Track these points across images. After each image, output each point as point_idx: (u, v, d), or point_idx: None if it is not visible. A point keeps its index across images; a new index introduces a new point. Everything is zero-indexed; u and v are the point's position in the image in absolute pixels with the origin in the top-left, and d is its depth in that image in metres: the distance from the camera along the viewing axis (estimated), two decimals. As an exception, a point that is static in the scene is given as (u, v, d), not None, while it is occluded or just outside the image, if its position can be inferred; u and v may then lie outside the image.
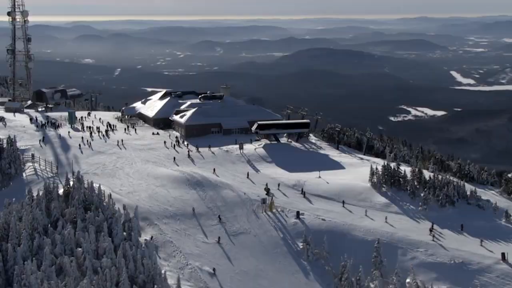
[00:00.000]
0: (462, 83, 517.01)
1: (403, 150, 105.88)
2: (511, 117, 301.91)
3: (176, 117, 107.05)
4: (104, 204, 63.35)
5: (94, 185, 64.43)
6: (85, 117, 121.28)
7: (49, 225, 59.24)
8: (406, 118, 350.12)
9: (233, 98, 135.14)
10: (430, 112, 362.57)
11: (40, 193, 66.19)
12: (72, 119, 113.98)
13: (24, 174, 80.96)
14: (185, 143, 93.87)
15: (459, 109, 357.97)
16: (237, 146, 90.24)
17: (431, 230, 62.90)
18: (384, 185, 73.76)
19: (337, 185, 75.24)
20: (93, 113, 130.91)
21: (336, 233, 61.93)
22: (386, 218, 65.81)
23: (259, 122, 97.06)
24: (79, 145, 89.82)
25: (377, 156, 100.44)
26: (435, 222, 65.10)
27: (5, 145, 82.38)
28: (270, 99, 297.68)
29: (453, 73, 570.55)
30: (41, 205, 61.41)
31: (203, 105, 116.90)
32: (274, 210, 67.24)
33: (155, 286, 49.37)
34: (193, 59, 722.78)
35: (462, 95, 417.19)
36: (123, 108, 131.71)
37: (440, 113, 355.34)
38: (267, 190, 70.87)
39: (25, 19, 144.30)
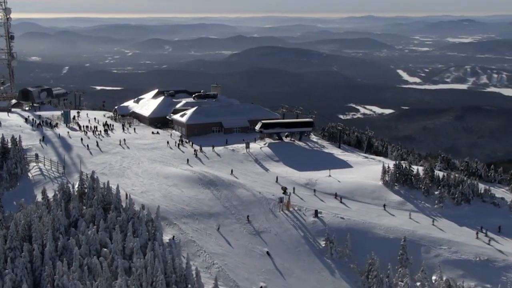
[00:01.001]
0: (409, 81, 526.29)
1: (401, 149, 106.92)
2: (456, 115, 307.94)
3: (176, 116, 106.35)
4: (123, 204, 62.92)
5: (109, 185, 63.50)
6: (77, 117, 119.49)
7: (69, 226, 58.51)
8: (355, 116, 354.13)
9: (226, 97, 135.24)
10: (378, 110, 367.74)
11: (54, 193, 65.27)
12: (67, 119, 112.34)
13: (29, 174, 79.56)
14: (190, 142, 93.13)
15: (406, 107, 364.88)
16: (242, 145, 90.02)
17: (479, 233, 63.13)
18: (396, 184, 74.34)
19: (349, 184, 75.59)
20: (83, 112, 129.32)
21: (356, 231, 62.13)
22: (410, 215, 66.61)
23: (263, 121, 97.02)
24: (87, 145, 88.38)
25: (376, 154, 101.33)
26: (452, 220, 65.97)
27: (9, 145, 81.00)
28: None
29: (400, 71, 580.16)
30: (60, 206, 60.51)
31: (203, 104, 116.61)
32: (291, 209, 67.28)
33: (189, 286, 49.03)
34: (141, 57, 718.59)
35: (409, 94, 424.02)
36: (116, 107, 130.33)
37: (388, 111, 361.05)
38: (284, 189, 70.84)
39: (8, 16, 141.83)
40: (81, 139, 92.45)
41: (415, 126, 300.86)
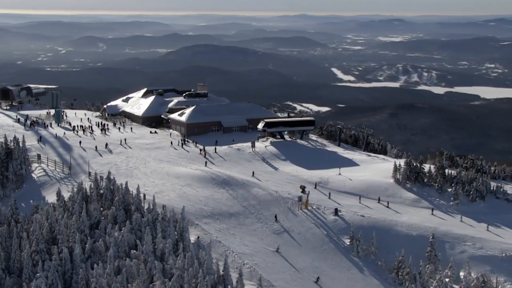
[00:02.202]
0: (343, 79, 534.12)
1: (397, 147, 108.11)
2: (391, 113, 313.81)
3: (174, 116, 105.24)
4: (146, 205, 61.95)
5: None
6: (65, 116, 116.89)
7: (90, 227, 57.30)
8: (292, 115, 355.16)
9: (215, 96, 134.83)
10: (315, 108, 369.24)
11: (70, 194, 63.89)
12: (59, 118, 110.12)
13: (33, 175, 77.67)
14: (194, 142, 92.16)
15: (342, 105, 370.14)
16: (247, 144, 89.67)
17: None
18: (407, 181, 75.05)
19: (361, 182, 75.98)
20: (70, 111, 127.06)
21: (379, 229, 62.36)
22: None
23: (265, 120, 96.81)
24: (96, 147, 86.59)
25: (374, 152, 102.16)
26: (468, 216, 67.00)
27: (11, 145, 78.84)
28: None
29: (334, 70, 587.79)
30: (81, 207, 59.18)
31: (195, 103, 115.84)
32: (309, 208, 67.26)
33: (229, 287, 48.50)
34: (75, 55, 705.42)
35: (344, 92, 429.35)
36: (105, 107, 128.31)
37: (324, 109, 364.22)
38: (303, 188, 70.73)
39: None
40: (80, 142, 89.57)
41: (351, 123, 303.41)
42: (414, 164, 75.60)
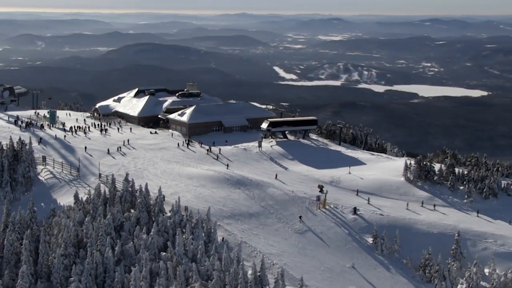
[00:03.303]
0: (286, 78, 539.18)
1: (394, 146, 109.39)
2: (334, 111, 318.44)
3: (174, 116, 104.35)
4: (166, 207, 61.42)
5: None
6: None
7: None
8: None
9: (208, 96, 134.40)
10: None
11: (88, 197, 62.97)
12: (53, 119, 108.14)
13: (40, 177, 76.24)
14: (200, 142, 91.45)
15: (286, 104, 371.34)
16: (253, 144, 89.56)
17: None
18: (418, 180, 75.93)
19: (372, 181, 76.57)
20: (61, 112, 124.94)
21: (399, 227, 62.79)
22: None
23: (270, 120, 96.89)
24: (108, 150, 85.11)
25: (372, 151, 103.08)
26: (483, 213, 68.16)
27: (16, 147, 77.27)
28: (102, 95, 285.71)
29: (276, 68, 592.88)
30: (105, 210, 58.40)
31: (189, 103, 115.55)
32: (327, 207, 67.52)
33: (267, 287, 48.43)
34: (13, 54, 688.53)
35: (287, 90, 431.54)
36: (97, 107, 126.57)
37: (268, 107, 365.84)
38: (321, 187, 70.90)
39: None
40: (85, 147, 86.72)
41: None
42: (424, 163, 76.46)
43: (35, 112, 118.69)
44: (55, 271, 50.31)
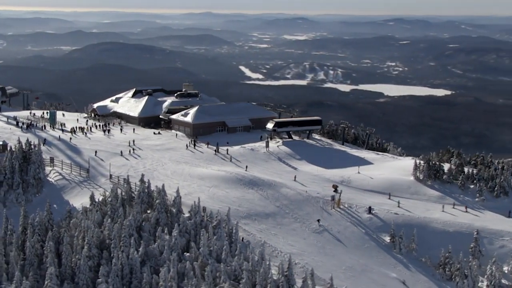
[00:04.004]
0: (252, 77, 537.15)
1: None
2: (302, 111, 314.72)
3: (177, 116, 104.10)
4: (185, 207, 61.32)
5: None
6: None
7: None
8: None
9: (207, 96, 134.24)
10: None
11: (103, 198, 62.66)
12: (53, 120, 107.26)
13: (50, 179, 75.69)
14: (207, 143, 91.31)
15: (253, 103, 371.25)
16: (259, 144, 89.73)
17: None
18: (428, 179, 76.69)
19: (382, 180, 77.15)
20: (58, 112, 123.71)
21: (415, 226, 63.45)
22: (452, 206, 69.11)
23: (275, 120, 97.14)
24: (121, 151, 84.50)
25: (373, 150, 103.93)
26: (495, 212, 69.08)
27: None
28: (67, 95, 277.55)
29: (242, 68, 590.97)
30: (126, 211, 58.18)
31: (188, 103, 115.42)
32: (341, 206, 67.94)
33: (295, 287, 48.60)
34: None
35: (253, 90, 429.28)
36: (95, 107, 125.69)
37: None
38: (335, 187, 71.28)
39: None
40: (96, 152, 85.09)
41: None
42: (433, 162, 77.26)
43: (30, 113, 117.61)
44: (81, 272, 49.97)
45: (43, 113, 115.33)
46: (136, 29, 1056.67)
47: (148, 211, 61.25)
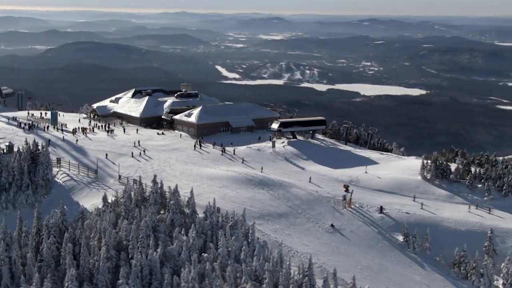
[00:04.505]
0: (228, 77, 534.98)
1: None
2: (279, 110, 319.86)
3: (180, 116, 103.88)
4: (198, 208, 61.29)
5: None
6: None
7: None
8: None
9: (207, 96, 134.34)
10: None
11: (115, 199, 62.57)
12: (55, 121, 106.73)
13: (57, 180, 75.34)
14: (213, 143, 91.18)
15: (230, 103, 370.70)
16: (265, 144, 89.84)
17: None
18: (435, 178, 77.15)
19: (390, 180, 77.45)
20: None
21: (427, 225, 63.76)
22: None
23: (281, 120, 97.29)
24: (132, 153, 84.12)
25: (375, 149, 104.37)
26: (504, 210, 69.63)
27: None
28: (43, 95, 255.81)
29: (218, 67, 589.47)
30: (141, 212, 58.00)
31: (188, 103, 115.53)
32: (352, 206, 68.19)
33: (316, 287, 48.69)
34: None
35: (230, 89, 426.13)
36: (95, 107, 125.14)
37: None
38: (347, 187, 71.52)
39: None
40: (106, 154, 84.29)
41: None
42: (440, 162, 77.76)
43: (28, 113, 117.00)
44: (100, 273, 49.79)
45: (41, 113, 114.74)
46: (111, 28, 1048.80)
47: (161, 212, 61.27)
